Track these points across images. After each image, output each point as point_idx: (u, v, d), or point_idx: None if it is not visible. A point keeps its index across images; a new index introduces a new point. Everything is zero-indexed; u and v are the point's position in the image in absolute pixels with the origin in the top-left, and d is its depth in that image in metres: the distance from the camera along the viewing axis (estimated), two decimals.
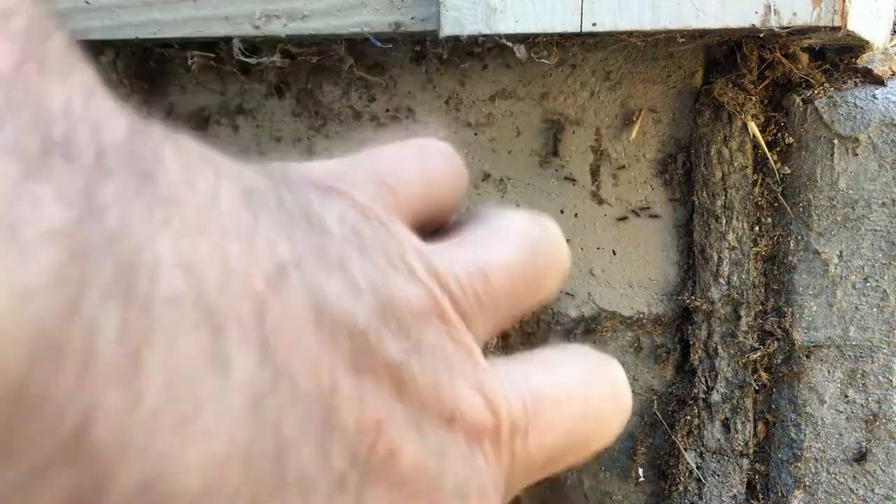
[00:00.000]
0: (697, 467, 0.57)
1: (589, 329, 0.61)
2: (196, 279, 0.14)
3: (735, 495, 0.57)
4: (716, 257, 0.56)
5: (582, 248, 0.62)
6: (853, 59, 0.54)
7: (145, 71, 0.78)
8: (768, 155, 0.54)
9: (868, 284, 0.52)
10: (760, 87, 0.54)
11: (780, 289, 0.55)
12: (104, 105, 0.14)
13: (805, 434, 0.55)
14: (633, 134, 0.58)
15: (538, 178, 0.62)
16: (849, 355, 0.53)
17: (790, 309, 0.55)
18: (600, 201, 0.61)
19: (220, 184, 0.15)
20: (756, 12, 0.45)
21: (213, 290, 0.14)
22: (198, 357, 0.13)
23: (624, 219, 0.61)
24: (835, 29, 0.45)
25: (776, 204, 0.55)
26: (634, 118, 0.58)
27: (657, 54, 0.57)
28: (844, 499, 0.54)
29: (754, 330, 0.55)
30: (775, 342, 0.55)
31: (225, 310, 0.14)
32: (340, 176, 0.20)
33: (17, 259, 0.12)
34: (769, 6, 0.45)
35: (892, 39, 0.57)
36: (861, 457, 0.53)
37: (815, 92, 0.53)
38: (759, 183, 0.55)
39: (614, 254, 0.61)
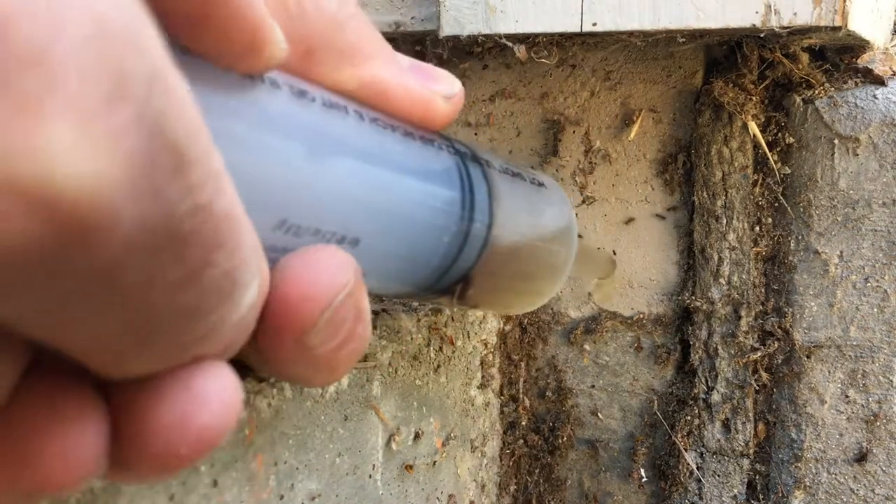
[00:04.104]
0: (698, 467, 0.57)
1: (589, 329, 0.61)
2: None
3: (735, 496, 0.57)
4: (716, 257, 0.56)
5: None
6: (854, 59, 0.54)
7: None
8: (769, 155, 0.54)
9: (869, 284, 0.52)
10: (761, 87, 0.54)
11: (780, 289, 0.55)
12: None
13: (805, 434, 0.54)
14: (633, 134, 0.58)
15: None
16: (849, 355, 0.53)
17: (790, 309, 0.55)
18: (600, 201, 0.61)
19: None
20: (756, 12, 0.45)
21: None
22: None
23: (624, 219, 0.61)
24: (835, 29, 0.45)
25: (777, 204, 0.55)
26: (634, 118, 0.58)
27: (657, 54, 0.57)
28: (845, 499, 0.54)
29: (755, 330, 0.55)
30: (776, 342, 0.55)
31: None
32: None
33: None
34: (770, 6, 0.45)
35: (892, 39, 0.57)
36: (862, 457, 0.53)
37: (816, 92, 0.53)
38: (759, 183, 0.55)
39: (614, 254, 0.61)
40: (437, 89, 0.29)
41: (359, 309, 0.23)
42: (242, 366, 0.28)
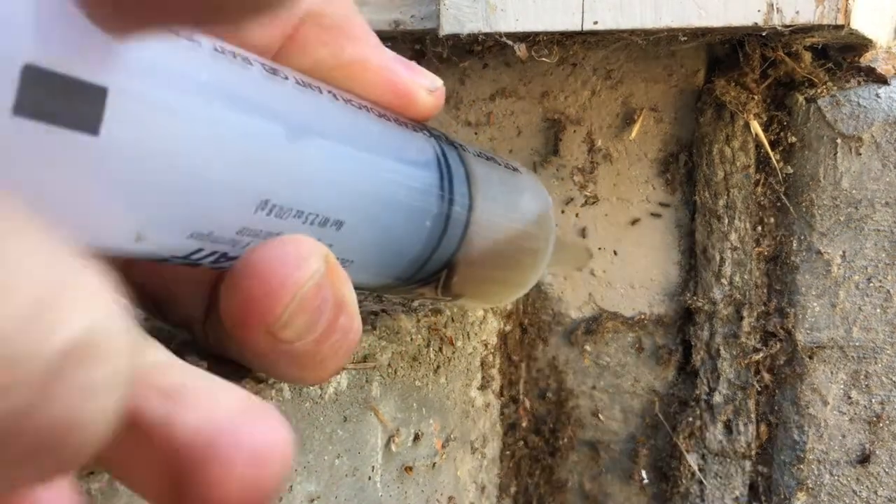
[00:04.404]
0: (699, 469, 0.57)
1: (590, 329, 0.61)
2: None
3: (737, 497, 0.57)
4: (718, 257, 0.55)
5: None
6: (856, 58, 0.54)
7: None
8: (771, 154, 0.54)
9: (871, 285, 0.52)
10: (763, 85, 0.54)
11: (782, 289, 0.55)
12: None
13: (808, 436, 0.54)
14: (634, 133, 0.58)
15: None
16: (852, 356, 0.53)
17: (793, 310, 0.54)
18: (601, 201, 0.61)
19: None
20: (759, 11, 0.45)
21: None
22: None
23: (626, 219, 0.60)
24: (838, 27, 0.45)
25: (779, 204, 0.54)
26: (636, 117, 0.58)
27: (659, 53, 0.56)
28: (847, 501, 0.53)
29: (757, 331, 0.55)
30: (778, 343, 0.55)
31: None
32: None
33: None
34: (772, 4, 0.45)
35: (895, 38, 0.57)
36: (864, 459, 0.53)
37: (819, 91, 0.53)
38: (761, 182, 0.55)
39: (615, 254, 0.60)
40: (421, 81, 0.29)
41: (338, 299, 0.22)
42: (242, 366, 0.28)
